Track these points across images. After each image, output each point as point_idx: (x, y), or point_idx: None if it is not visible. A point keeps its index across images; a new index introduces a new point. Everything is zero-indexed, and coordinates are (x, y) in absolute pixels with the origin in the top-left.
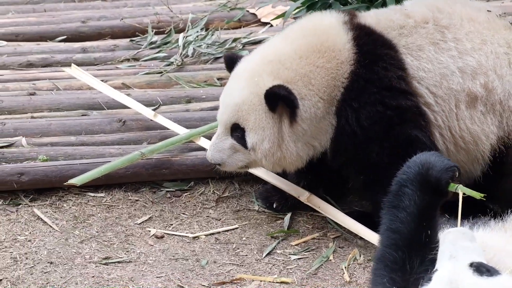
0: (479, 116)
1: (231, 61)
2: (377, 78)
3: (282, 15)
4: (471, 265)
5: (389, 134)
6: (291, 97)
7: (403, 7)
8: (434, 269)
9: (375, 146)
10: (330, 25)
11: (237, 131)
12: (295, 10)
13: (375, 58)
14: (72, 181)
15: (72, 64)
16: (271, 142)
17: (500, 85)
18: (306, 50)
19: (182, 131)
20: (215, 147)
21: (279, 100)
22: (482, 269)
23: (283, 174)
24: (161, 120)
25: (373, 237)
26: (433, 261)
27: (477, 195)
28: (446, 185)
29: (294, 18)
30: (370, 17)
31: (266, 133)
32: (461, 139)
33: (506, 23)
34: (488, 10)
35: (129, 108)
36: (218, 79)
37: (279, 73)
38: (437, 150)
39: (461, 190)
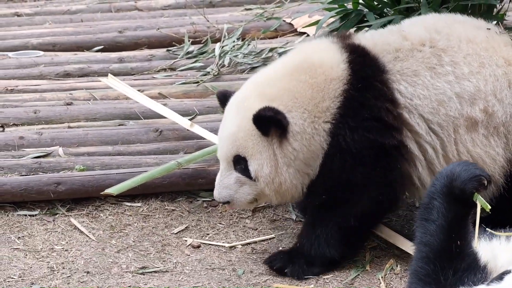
0: (481, 139)
1: (224, 98)
2: (368, 105)
3: (315, 23)
4: None
5: (372, 160)
6: (278, 116)
7: (401, 28)
8: (507, 270)
9: (359, 168)
10: (319, 46)
11: (239, 163)
12: (329, 19)
13: (368, 85)
14: (108, 191)
15: (109, 74)
16: (269, 166)
17: (501, 109)
18: (290, 68)
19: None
20: (220, 185)
21: (269, 123)
22: None
23: None
24: (197, 130)
25: (409, 246)
26: (466, 271)
27: (486, 207)
28: (471, 196)
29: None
30: (366, 39)
31: (263, 156)
32: None
33: (506, 39)
34: (487, 28)
35: (165, 118)
36: None
37: (265, 92)
38: (405, 180)
39: (479, 201)
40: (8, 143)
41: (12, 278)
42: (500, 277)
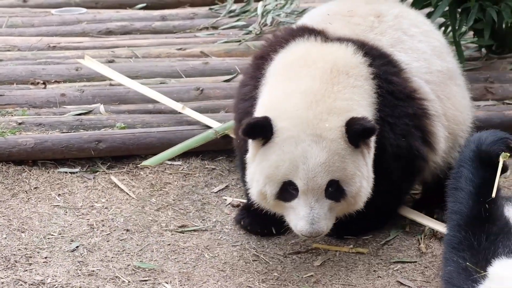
0: (460, 90)
1: (266, 127)
2: (396, 89)
3: None
4: None
5: (408, 149)
6: (373, 125)
7: (338, 10)
8: None
9: (396, 163)
10: (329, 46)
11: (330, 188)
12: None
13: (386, 68)
14: (146, 163)
15: (86, 55)
16: (365, 178)
17: (452, 62)
18: (329, 75)
19: (211, 124)
20: (323, 217)
21: (364, 134)
22: None
23: None
24: (189, 112)
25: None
26: (498, 235)
27: (506, 156)
28: (496, 157)
29: None
30: (336, 29)
31: (362, 171)
32: (453, 121)
33: None
34: None
35: (207, 76)
36: None
37: (334, 107)
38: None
39: (502, 157)
40: (50, 100)
41: (52, 235)
42: None
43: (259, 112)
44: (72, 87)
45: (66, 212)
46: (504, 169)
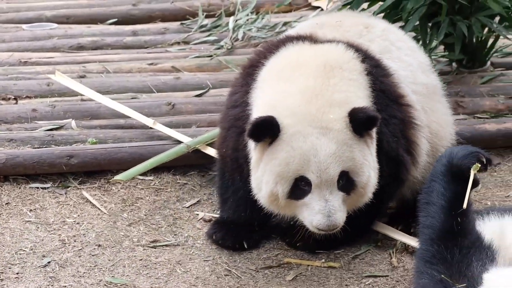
0: (442, 106)
1: (273, 124)
2: (387, 89)
3: None
4: None
5: (396, 154)
6: (376, 113)
7: (328, 22)
8: None
9: (387, 167)
10: (319, 46)
11: (341, 180)
12: None
13: (377, 67)
14: (117, 178)
15: (56, 70)
16: (372, 168)
17: (435, 79)
18: (325, 71)
19: (182, 139)
20: (338, 209)
21: (368, 123)
22: None
23: None
24: (160, 127)
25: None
26: (471, 248)
27: (476, 167)
28: (468, 171)
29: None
30: (325, 33)
31: (369, 160)
32: (436, 135)
33: None
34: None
35: (179, 91)
36: None
37: (335, 99)
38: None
39: (473, 169)
40: (21, 115)
41: (24, 250)
42: None
43: (256, 115)
44: (44, 102)
45: (38, 227)
46: (475, 183)
